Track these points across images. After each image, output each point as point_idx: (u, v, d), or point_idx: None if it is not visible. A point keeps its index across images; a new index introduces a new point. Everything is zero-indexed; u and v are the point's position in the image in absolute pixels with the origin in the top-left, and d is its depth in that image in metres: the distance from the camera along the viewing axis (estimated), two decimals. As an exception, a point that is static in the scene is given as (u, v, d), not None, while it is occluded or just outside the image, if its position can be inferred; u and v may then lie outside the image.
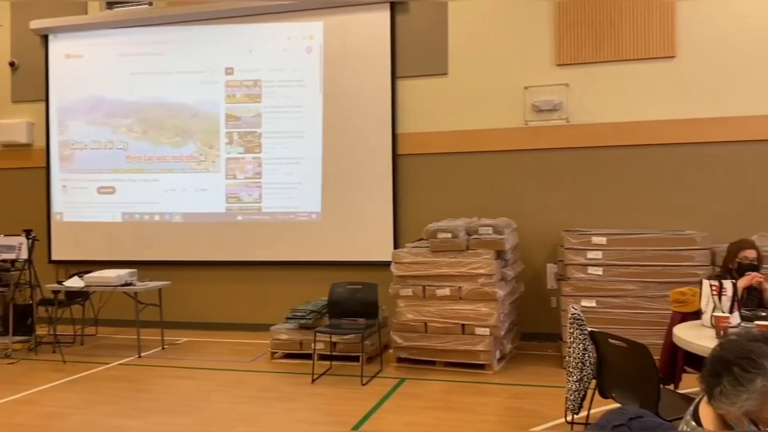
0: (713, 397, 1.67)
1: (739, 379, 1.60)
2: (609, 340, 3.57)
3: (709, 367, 1.71)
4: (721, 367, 1.65)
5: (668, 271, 5.83)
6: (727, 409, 1.63)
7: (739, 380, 1.60)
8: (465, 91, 7.24)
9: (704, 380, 1.72)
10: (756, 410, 1.59)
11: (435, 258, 6.01)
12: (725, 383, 1.63)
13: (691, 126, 6.60)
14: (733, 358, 1.63)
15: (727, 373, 1.63)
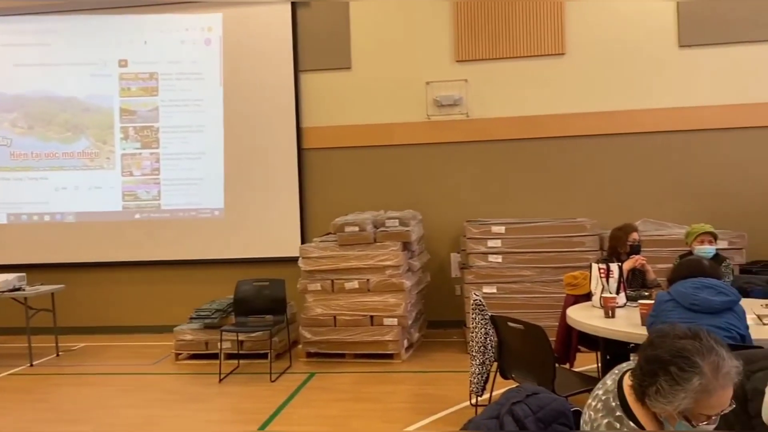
0: (648, 396, 1.68)
1: (677, 378, 1.62)
2: (508, 323, 3.75)
3: (644, 366, 1.70)
4: (657, 367, 1.66)
5: (562, 256, 6.17)
6: (663, 407, 1.65)
7: (677, 380, 1.62)
8: (369, 85, 7.31)
9: (638, 379, 1.72)
10: (691, 408, 1.63)
11: (343, 251, 6.05)
12: (662, 383, 1.64)
13: (579, 120, 7.00)
14: (669, 357, 1.64)
15: (664, 372, 1.64)
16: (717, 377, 1.61)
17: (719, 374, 1.61)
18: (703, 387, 1.60)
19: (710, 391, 1.61)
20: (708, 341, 1.66)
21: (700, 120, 6.82)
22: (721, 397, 1.63)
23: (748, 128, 6.77)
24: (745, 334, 3.10)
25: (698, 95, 6.83)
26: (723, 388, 1.62)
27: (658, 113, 6.88)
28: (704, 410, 1.63)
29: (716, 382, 1.61)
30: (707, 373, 1.60)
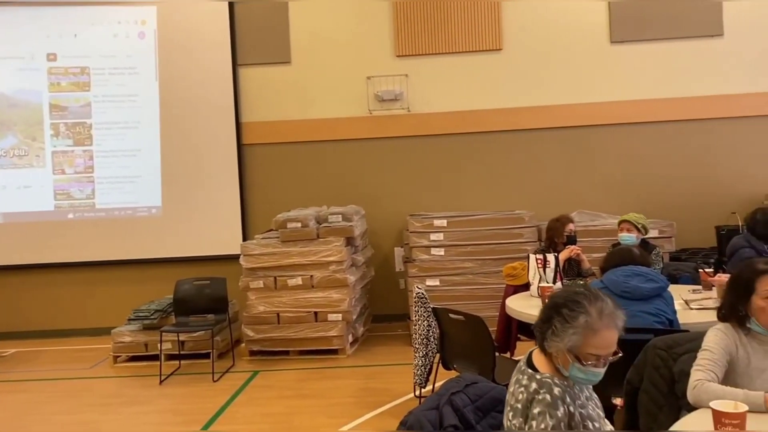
0: (546, 339, 1.90)
1: (567, 318, 1.85)
2: (449, 315, 3.80)
3: (542, 315, 1.95)
4: (553, 311, 1.90)
5: (502, 248, 6.29)
6: (557, 345, 1.87)
7: (567, 319, 1.85)
8: (309, 80, 7.26)
9: (538, 328, 1.95)
10: (579, 344, 1.84)
11: (285, 248, 6.00)
12: (555, 323, 1.87)
13: (517, 114, 7.14)
14: (562, 302, 1.90)
15: (557, 314, 1.88)
16: (601, 317, 1.83)
17: (603, 315, 1.83)
18: (588, 324, 1.82)
19: (595, 330, 1.82)
20: (597, 293, 1.90)
21: (632, 113, 7.07)
22: (606, 338, 1.84)
23: (676, 121, 7.05)
24: (673, 318, 3.24)
25: (629, 90, 7.07)
26: (607, 328, 1.83)
27: (591, 107, 7.09)
28: (591, 349, 1.83)
29: (600, 322, 1.83)
30: (593, 313, 1.83)
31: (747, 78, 6.99)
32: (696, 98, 7.01)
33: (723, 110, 7.01)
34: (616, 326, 1.86)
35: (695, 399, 2.10)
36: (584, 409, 1.91)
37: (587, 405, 1.94)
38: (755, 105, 6.97)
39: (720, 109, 7.00)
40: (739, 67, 6.99)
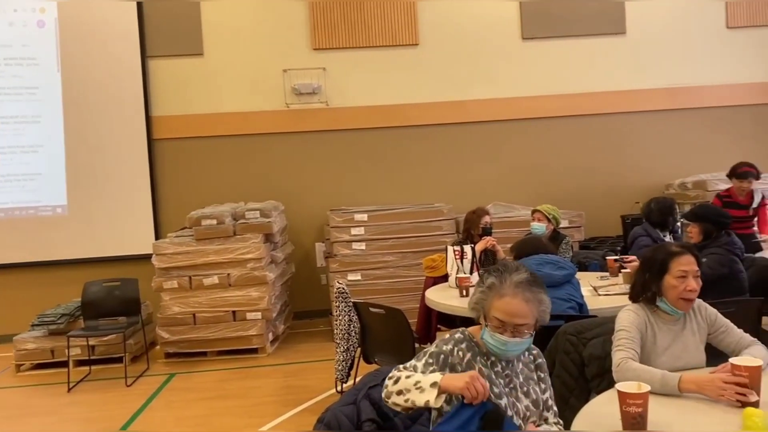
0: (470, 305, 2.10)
1: (483, 279, 2.05)
2: (369, 309, 3.80)
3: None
4: (482, 280, 2.08)
5: (421, 241, 6.36)
6: (474, 304, 2.05)
7: (483, 280, 2.05)
8: (223, 72, 7.06)
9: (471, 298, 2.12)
10: (486, 306, 2.00)
11: (200, 246, 5.82)
12: (478, 288, 2.07)
13: (435, 108, 7.23)
14: (487, 271, 2.08)
15: (482, 281, 2.06)
16: (505, 283, 1.96)
17: (512, 282, 1.96)
18: (494, 287, 1.98)
19: (501, 294, 1.96)
20: (522, 267, 2.03)
21: (543, 108, 7.31)
22: (509, 305, 1.93)
23: (584, 116, 7.35)
24: (582, 303, 3.37)
25: (541, 85, 7.31)
26: (512, 296, 1.94)
27: (506, 102, 7.28)
28: (495, 312, 1.95)
29: (504, 286, 1.96)
30: (504, 279, 1.98)
31: (648, 74, 7.37)
32: (602, 93, 7.33)
33: (627, 105, 7.37)
34: (525, 298, 1.93)
35: (619, 377, 2.18)
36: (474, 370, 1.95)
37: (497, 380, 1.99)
38: (656, 100, 7.37)
39: (624, 104, 7.36)
40: (640, 63, 7.36)
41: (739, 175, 5.24)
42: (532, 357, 2.11)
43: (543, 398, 2.05)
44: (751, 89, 7.46)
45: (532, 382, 2.05)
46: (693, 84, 7.42)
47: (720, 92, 7.45)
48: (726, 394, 1.96)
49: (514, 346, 1.96)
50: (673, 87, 7.38)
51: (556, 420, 1.99)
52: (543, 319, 2.01)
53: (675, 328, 2.39)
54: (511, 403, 1.98)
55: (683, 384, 2.06)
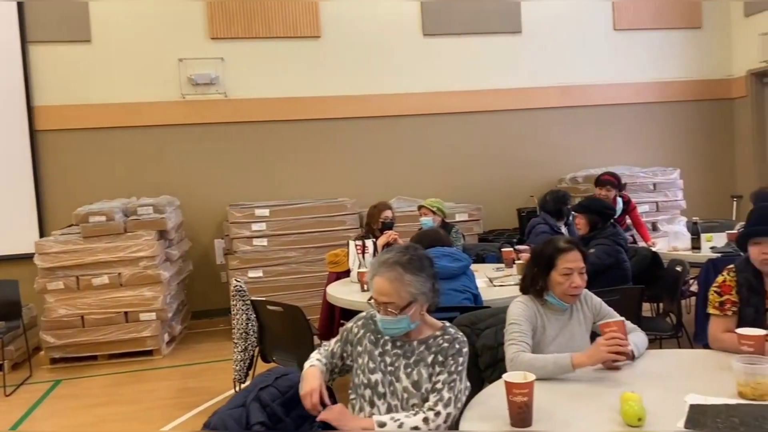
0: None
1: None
2: (267, 306, 3.71)
3: None
4: None
5: (325, 236, 6.30)
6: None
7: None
8: (113, 60, 6.66)
9: None
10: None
11: (89, 244, 5.49)
12: None
13: (337, 102, 7.16)
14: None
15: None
16: (376, 263, 2.09)
17: (379, 262, 2.08)
18: (371, 265, 2.13)
19: (372, 273, 2.08)
20: (407, 249, 2.11)
21: (444, 104, 7.41)
22: (375, 283, 2.05)
23: (484, 112, 7.53)
24: (477, 293, 3.44)
25: (442, 81, 7.41)
26: (378, 274, 2.05)
27: (408, 97, 7.32)
28: (372, 290, 2.08)
29: (374, 266, 2.08)
30: (377, 258, 2.12)
31: (542, 73, 7.65)
32: (499, 90, 7.54)
33: (522, 102, 7.61)
34: (388, 277, 2.02)
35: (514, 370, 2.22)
36: (362, 347, 2.12)
37: (382, 358, 2.08)
38: (549, 98, 7.66)
39: (520, 101, 7.60)
40: (535, 62, 7.63)
41: (599, 182, 5.49)
42: (442, 341, 2.08)
43: (431, 382, 2.01)
44: (637, 89, 7.91)
45: (422, 365, 2.04)
46: (584, 83, 7.76)
47: (609, 91, 7.84)
48: (610, 350, 2.16)
49: (387, 324, 2.03)
50: (566, 85, 7.70)
51: (433, 405, 1.94)
52: (419, 300, 2.03)
53: (563, 318, 2.47)
54: (387, 381, 2.04)
55: (575, 360, 2.18)
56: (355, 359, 2.13)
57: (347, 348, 2.18)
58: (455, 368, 2.01)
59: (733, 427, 1.72)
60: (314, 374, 2.09)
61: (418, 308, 2.04)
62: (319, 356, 2.21)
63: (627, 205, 5.58)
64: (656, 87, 7.95)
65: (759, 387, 1.90)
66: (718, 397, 1.93)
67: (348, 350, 2.17)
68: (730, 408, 1.83)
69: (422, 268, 2.05)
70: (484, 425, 1.87)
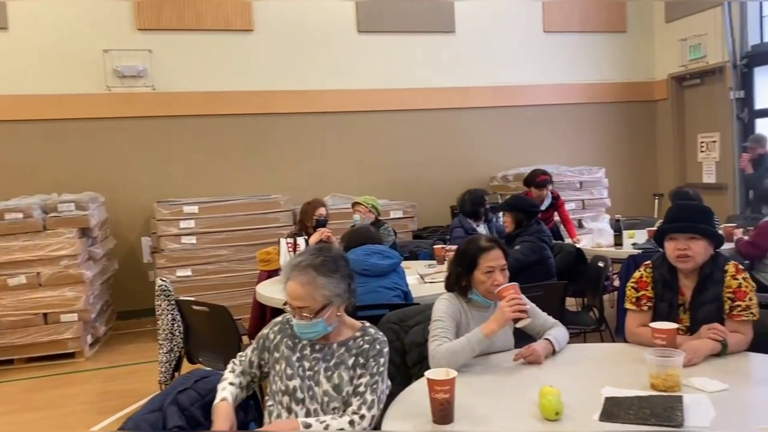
0: None
1: None
2: (193, 306, 3.61)
3: None
4: None
5: (257, 234, 6.20)
6: None
7: None
8: (31, 49, 6.33)
9: None
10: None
11: (4, 243, 5.23)
12: None
13: (271, 97, 7.04)
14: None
15: None
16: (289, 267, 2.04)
17: (290, 266, 2.04)
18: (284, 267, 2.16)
19: (285, 276, 2.04)
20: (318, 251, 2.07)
21: (380, 101, 7.42)
22: (288, 287, 2.00)
23: (419, 110, 7.58)
24: (407, 290, 3.45)
25: (377, 78, 7.41)
26: (291, 279, 2.00)
27: (343, 94, 7.29)
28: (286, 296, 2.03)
29: (287, 270, 2.04)
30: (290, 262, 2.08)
31: (475, 72, 7.76)
32: (434, 89, 7.60)
33: (456, 101, 7.71)
34: (300, 281, 1.97)
35: (435, 364, 2.23)
36: (279, 353, 2.06)
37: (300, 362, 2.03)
38: (482, 97, 7.79)
39: (454, 100, 7.69)
40: (468, 62, 7.73)
41: (538, 184, 5.59)
42: (362, 342, 2.06)
43: (353, 385, 1.99)
44: (566, 90, 8.14)
45: (342, 367, 2.01)
46: (515, 83, 7.93)
47: (539, 92, 8.04)
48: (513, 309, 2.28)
49: (303, 329, 2.00)
50: (498, 85, 7.83)
51: (357, 409, 1.92)
52: (334, 302, 2.00)
53: (486, 315, 2.50)
54: (306, 387, 2.00)
55: (485, 330, 2.29)
56: (272, 366, 2.07)
57: (264, 356, 2.10)
58: (377, 369, 2.00)
59: (644, 417, 1.78)
60: (225, 413, 1.96)
61: (334, 310, 2.01)
62: (232, 379, 2.08)
63: (555, 201, 5.73)
64: (583, 88, 8.21)
65: (669, 379, 1.97)
66: (632, 390, 1.99)
67: (265, 358, 2.10)
68: (642, 399, 1.90)
69: (336, 270, 2.02)
70: (406, 424, 1.87)
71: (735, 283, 2.43)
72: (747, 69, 7.45)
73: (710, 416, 1.77)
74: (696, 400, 1.89)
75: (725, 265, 2.48)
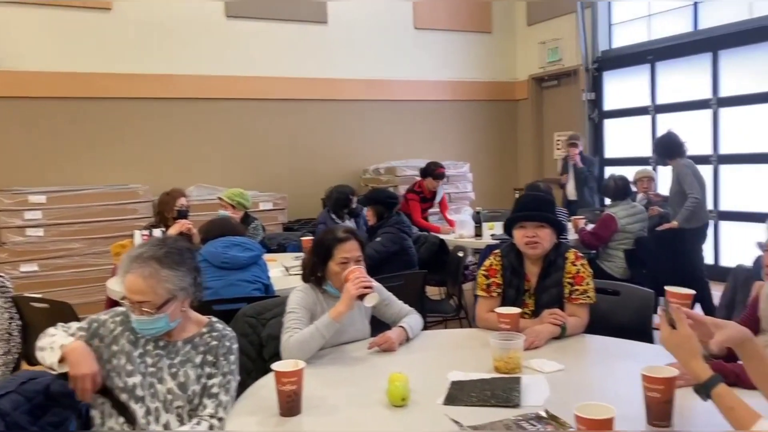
0: None
1: None
2: (32, 303, 3.32)
3: None
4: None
5: (114, 225, 5.84)
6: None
7: None
8: None
9: None
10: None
11: None
12: None
13: (130, 81, 6.63)
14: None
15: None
16: (127, 259, 1.91)
17: (131, 257, 1.90)
18: (122, 260, 1.96)
19: (123, 270, 1.91)
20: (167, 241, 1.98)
21: (249, 89, 7.21)
22: (127, 281, 1.88)
23: (289, 100, 7.45)
24: (268, 284, 3.38)
25: (246, 65, 7.19)
26: (130, 271, 1.87)
27: (210, 80, 7.01)
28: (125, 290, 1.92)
29: (125, 263, 1.91)
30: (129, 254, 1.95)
31: (348, 65, 7.76)
32: (306, 79, 7.51)
33: (329, 93, 7.67)
34: (141, 274, 1.85)
35: (287, 355, 2.19)
36: (118, 347, 1.92)
37: (143, 359, 1.92)
38: (355, 89, 7.81)
39: (327, 91, 7.65)
40: (341, 54, 7.72)
41: (436, 175, 5.89)
42: (209, 339, 1.97)
43: (202, 384, 1.91)
44: (435, 86, 8.36)
45: (189, 365, 1.92)
46: (386, 77, 8.03)
47: (409, 87, 8.19)
48: (357, 287, 2.27)
49: (143, 325, 1.88)
50: (370, 79, 7.89)
51: (214, 412, 1.85)
52: (178, 296, 1.90)
53: (344, 305, 2.49)
54: (148, 384, 1.89)
55: (333, 314, 2.29)
56: (107, 360, 1.92)
57: (93, 342, 1.93)
58: (229, 368, 1.94)
59: (485, 399, 1.84)
60: (88, 354, 1.85)
61: (179, 305, 1.91)
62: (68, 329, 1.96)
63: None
64: (451, 86, 8.47)
65: (510, 361, 2.07)
66: (478, 373, 2.06)
67: (94, 344, 1.93)
68: (484, 382, 1.97)
69: (182, 262, 1.91)
70: (252, 418, 1.81)
71: (574, 269, 2.59)
72: (597, 73, 8.04)
73: (544, 396, 1.87)
74: (534, 380, 1.99)
75: (566, 253, 2.64)
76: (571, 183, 6.94)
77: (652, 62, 7.37)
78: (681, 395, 1.66)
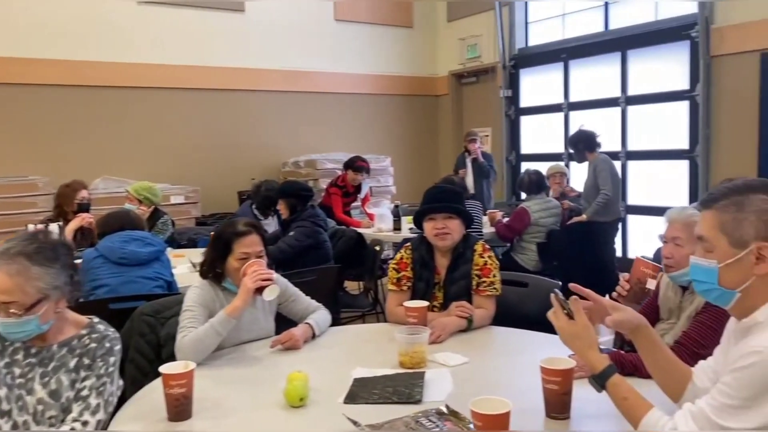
0: None
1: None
2: None
3: None
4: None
5: (11, 220, 5.50)
6: None
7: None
8: None
9: None
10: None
11: None
12: None
13: (25, 65, 6.17)
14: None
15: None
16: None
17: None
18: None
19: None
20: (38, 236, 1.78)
21: (160, 78, 6.91)
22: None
23: (203, 90, 7.20)
24: (171, 281, 3.21)
25: (158, 53, 6.88)
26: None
27: (122, 68, 6.67)
28: None
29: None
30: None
31: (266, 55, 7.57)
32: (222, 68, 7.27)
33: (246, 83, 7.46)
34: (7, 271, 1.67)
35: (182, 356, 2.05)
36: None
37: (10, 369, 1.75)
38: (273, 81, 7.63)
39: (243, 81, 7.44)
40: (258, 44, 7.51)
41: (356, 168, 5.81)
42: (88, 341, 1.81)
43: (74, 390, 1.75)
44: (356, 79, 8.28)
45: (63, 371, 1.76)
46: (306, 69, 7.88)
47: (330, 79, 8.08)
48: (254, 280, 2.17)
49: (10, 328, 1.70)
50: (289, 70, 7.73)
51: (78, 416, 1.69)
52: (52, 296, 1.73)
53: (245, 302, 2.38)
54: (15, 396, 1.72)
55: (228, 311, 2.17)
56: None
57: None
58: (105, 370, 1.77)
59: (387, 396, 1.79)
60: None
61: (52, 305, 1.73)
62: None
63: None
64: (372, 79, 8.43)
65: (415, 356, 2.02)
66: (383, 369, 2.00)
67: None
68: (387, 378, 1.92)
69: (55, 258, 1.74)
70: (137, 424, 1.68)
71: (482, 261, 2.59)
72: (514, 70, 8.19)
73: (447, 391, 1.83)
74: (438, 375, 1.95)
75: (474, 245, 2.63)
76: (470, 177, 7.03)
77: (565, 61, 7.57)
78: (579, 386, 1.65)
